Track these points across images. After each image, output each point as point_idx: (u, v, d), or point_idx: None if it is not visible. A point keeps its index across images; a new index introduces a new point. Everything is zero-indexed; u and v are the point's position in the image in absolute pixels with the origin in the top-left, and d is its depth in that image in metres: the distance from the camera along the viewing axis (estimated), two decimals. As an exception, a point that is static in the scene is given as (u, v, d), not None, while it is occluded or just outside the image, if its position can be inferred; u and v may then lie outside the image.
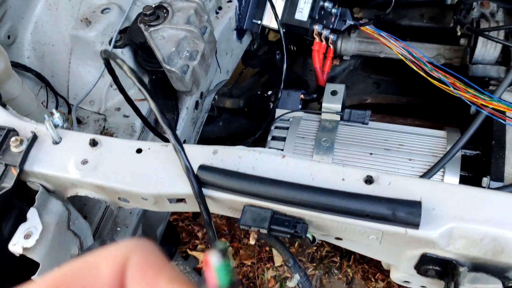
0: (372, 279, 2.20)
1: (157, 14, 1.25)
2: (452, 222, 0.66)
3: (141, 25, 1.24)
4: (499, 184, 1.30)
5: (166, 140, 1.02)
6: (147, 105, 1.43)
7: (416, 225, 0.66)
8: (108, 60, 0.83)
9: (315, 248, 2.34)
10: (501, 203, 0.66)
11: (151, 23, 1.24)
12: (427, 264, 0.72)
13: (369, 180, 0.70)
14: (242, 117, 2.15)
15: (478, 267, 0.67)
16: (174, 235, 2.10)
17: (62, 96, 1.40)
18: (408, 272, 0.78)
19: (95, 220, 1.22)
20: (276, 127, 1.65)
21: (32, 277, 0.84)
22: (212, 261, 0.25)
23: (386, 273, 2.20)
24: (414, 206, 0.66)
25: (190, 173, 0.71)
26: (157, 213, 1.54)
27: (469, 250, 0.66)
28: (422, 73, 1.52)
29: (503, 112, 1.34)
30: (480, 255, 0.66)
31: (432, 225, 0.66)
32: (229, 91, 2.09)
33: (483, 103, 1.38)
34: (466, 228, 0.65)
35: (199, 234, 2.49)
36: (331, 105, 1.59)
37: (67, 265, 0.30)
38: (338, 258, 2.29)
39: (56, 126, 0.84)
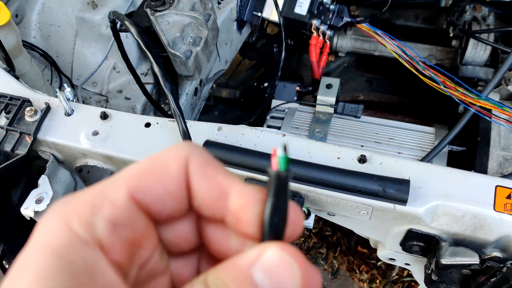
0: (357, 271, 2.27)
1: (163, 0, 1.29)
2: (437, 200, 0.72)
3: (147, 10, 1.28)
4: (482, 178, 1.36)
5: (171, 117, 1.07)
6: (149, 89, 1.47)
7: (404, 201, 0.71)
8: (114, 23, 0.87)
9: (302, 239, 2.40)
10: (482, 185, 0.72)
11: (157, 8, 1.28)
12: (412, 240, 0.77)
13: (362, 159, 0.76)
14: (238, 108, 2.20)
15: (458, 242, 0.73)
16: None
17: (66, 76, 1.43)
18: (394, 249, 0.83)
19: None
20: (271, 117, 1.70)
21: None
22: (278, 152, 0.33)
23: (370, 265, 2.27)
24: (403, 184, 0.72)
25: (187, 136, 0.76)
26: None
27: (451, 226, 0.72)
28: (414, 71, 1.58)
29: (490, 110, 1.41)
30: (460, 231, 0.72)
31: (419, 202, 0.72)
32: (226, 82, 2.14)
33: (471, 101, 1.44)
34: (449, 206, 0.71)
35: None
36: (326, 98, 1.65)
37: (142, 161, 0.35)
38: (325, 249, 2.36)
39: (67, 99, 0.88)
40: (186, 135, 0.77)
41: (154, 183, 0.33)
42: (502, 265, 0.66)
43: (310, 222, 1.80)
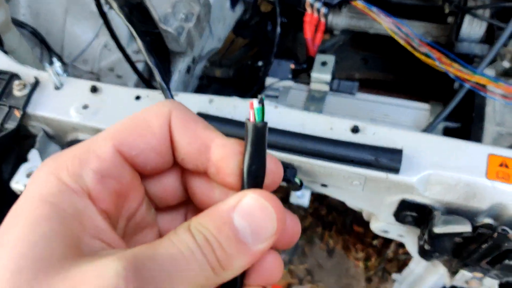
0: (352, 249, 2.28)
1: (154, -25, 1.27)
2: (430, 169, 0.71)
3: (138, -15, 1.26)
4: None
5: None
6: (141, 67, 1.46)
7: (396, 171, 0.71)
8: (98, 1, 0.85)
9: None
10: (475, 153, 0.72)
11: (148, -16, 1.26)
12: (405, 210, 0.77)
13: (355, 130, 0.75)
14: (232, 88, 2.19)
15: (451, 211, 0.73)
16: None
17: (57, 54, 1.41)
18: (387, 220, 0.83)
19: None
20: (266, 96, 1.69)
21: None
22: (254, 104, 0.36)
23: (365, 244, 2.28)
24: (396, 153, 0.71)
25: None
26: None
27: (444, 195, 0.72)
28: (409, 48, 1.57)
29: (485, 86, 1.40)
30: (453, 200, 0.72)
31: (412, 171, 0.72)
32: (220, 61, 2.12)
33: (467, 77, 1.43)
34: (442, 175, 0.71)
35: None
36: (321, 76, 1.63)
37: (125, 119, 0.37)
38: (320, 228, 2.37)
39: (57, 73, 0.87)
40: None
41: (137, 137, 0.36)
42: (493, 231, 0.66)
43: (305, 201, 1.80)
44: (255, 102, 0.36)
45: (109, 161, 0.35)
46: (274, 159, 0.38)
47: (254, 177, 0.36)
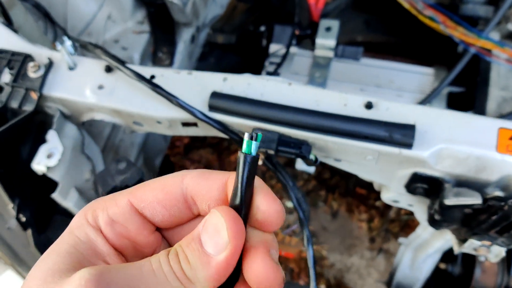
0: (356, 211, 2.34)
1: None
2: (442, 143, 0.73)
3: (142, -44, 1.24)
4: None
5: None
6: (146, 38, 1.45)
7: (409, 146, 0.73)
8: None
9: (302, 182, 2.45)
10: (485, 127, 0.74)
11: (152, -46, 1.24)
12: (416, 182, 0.80)
13: (369, 106, 0.77)
14: (233, 54, 2.17)
15: (461, 183, 0.76)
16: (170, 168, 2.17)
17: (61, 27, 1.40)
18: (398, 191, 0.86)
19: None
20: (270, 63, 1.68)
21: (52, 195, 0.91)
22: (245, 137, 0.38)
23: (368, 205, 2.34)
24: (409, 129, 0.73)
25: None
26: (155, 145, 1.61)
27: (455, 168, 0.75)
28: (413, 11, 1.56)
29: (490, 51, 1.41)
30: (464, 172, 0.74)
31: (424, 145, 0.74)
32: (221, 27, 2.10)
33: (471, 41, 1.43)
34: (453, 149, 0.73)
35: (191, 169, 2.56)
36: (325, 41, 1.63)
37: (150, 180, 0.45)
38: (324, 192, 2.42)
39: (69, 53, 0.87)
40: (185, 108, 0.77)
41: (147, 192, 0.43)
42: (503, 203, 0.69)
43: (311, 169, 1.83)
44: (246, 135, 0.38)
45: (121, 210, 0.43)
46: (270, 199, 0.41)
47: (233, 202, 0.40)
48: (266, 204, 0.41)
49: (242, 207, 0.40)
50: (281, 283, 0.40)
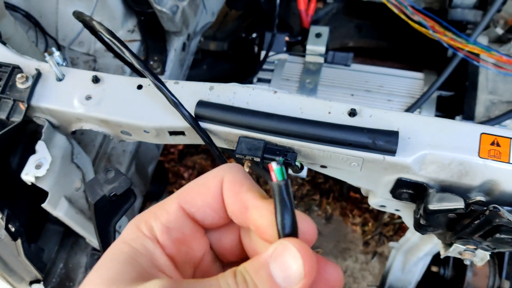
0: (350, 215, 2.35)
1: (146, -46, 1.26)
2: (425, 149, 0.74)
3: (131, -35, 1.25)
4: (470, 122, 1.40)
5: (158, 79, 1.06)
6: (136, 46, 1.46)
7: (393, 152, 0.74)
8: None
9: (296, 187, 2.46)
10: (468, 132, 0.75)
11: (141, -37, 1.25)
12: (401, 188, 0.81)
13: (352, 113, 0.78)
14: (226, 61, 2.19)
15: (445, 188, 0.77)
16: (163, 175, 2.18)
17: (52, 37, 1.41)
18: (384, 196, 0.87)
19: (90, 158, 1.28)
20: (261, 69, 1.70)
21: (42, 205, 0.91)
22: (273, 166, 0.40)
23: (362, 209, 2.35)
24: (392, 135, 0.74)
25: (177, 103, 0.78)
26: (148, 153, 1.61)
27: (438, 174, 0.75)
28: (403, 16, 1.57)
29: (478, 55, 1.42)
30: (447, 178, 0.75)
31: (407, 152, 0.75)
32: (213, 34, 2.11)
33: (460, 46, 1.45)
34: (436, 154, 0.74)
35: (185, 175, 2.58)
36: (316, 48, 1.64)
37: (191, 181, 0.46)
38: (318, 196, 2.43)
39: (57, 64, 0.88)
40: (175, 103, 0.78)
41: (196, 196, 0.45)
42: (485, 208, 0.70)
43: (303, 173, 1.85)
44: (274, 164, 0.40)
45: (173, 216, 0.44)
46: (307, 219, 0.43)
47: (286, 230, 0.41)
48: (307, 225, 0.43)
49: (297, 234, 0.41)
50: None
